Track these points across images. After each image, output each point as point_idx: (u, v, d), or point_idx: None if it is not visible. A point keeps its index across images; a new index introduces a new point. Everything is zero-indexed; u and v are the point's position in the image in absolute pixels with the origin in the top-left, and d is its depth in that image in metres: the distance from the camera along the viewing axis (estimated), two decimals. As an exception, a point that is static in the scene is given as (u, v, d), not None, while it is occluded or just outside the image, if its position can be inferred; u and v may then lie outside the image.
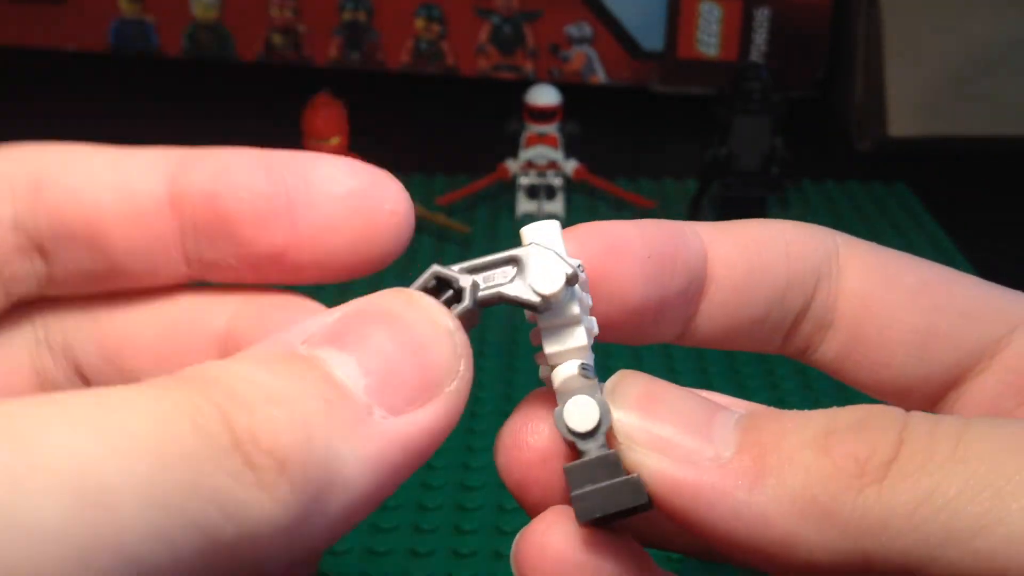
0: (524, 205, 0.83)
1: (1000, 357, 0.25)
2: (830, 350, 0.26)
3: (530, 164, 0.82)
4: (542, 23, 1.02)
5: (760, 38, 1.00)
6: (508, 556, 0.49)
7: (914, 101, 0.95)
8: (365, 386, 0.19)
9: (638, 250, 0.24)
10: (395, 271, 0.26)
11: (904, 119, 0.95)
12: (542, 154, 0.82)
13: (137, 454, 0.15)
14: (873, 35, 0.96)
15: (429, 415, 0.20)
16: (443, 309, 0.21)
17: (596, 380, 0.22)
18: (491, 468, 0.55)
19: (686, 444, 0.21)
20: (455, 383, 0.21)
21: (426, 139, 0.99)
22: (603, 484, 0.21)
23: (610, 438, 0.22)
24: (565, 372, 0.22)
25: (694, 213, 0.80)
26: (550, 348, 0.22)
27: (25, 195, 0.23)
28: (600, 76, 1.03)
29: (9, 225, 0.23)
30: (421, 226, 0.81)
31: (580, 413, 0.22)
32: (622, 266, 0.24)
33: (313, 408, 0.18)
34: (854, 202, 0.88)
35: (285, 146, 0.77)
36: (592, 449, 0.21)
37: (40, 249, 0.23)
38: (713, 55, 1.01)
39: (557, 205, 0.83)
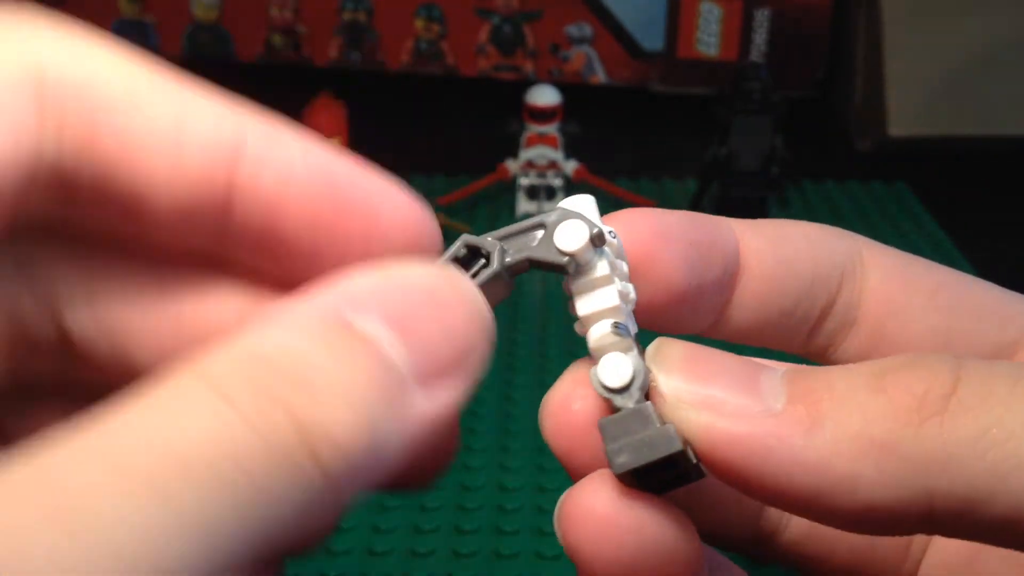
0: (524, 205, 0.83)
1: (1017, 358, 0.25)
2: (852, 348, 0.26)
3: (530, 164, 0.82)
4: (542, 23, 1.02)
5: (760, 38, 1.00)
6: (508, 556, 0.49)
7: (914, 101, 0.95)
8: (409, 365, 0.19)
9: (682, 235, 0.24)
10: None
11: (904, 119, 0.95)
12: (542, 154, 0.82)
13: (199, 494, 0.15)
14: (873, 35, 0.96)
15: (454, 393, 0.20)
16: (478, 292, 0.21)
17: (631, 338, 0.22)
18: (491, 469, 0.55)
19: (736, 401, 0.20)
20: (479, 362, 0.20)
21: (426, 139, 0.99)
22: (636, 437, 0.21)
23: (655, 400, 0.22)
24: (599, 332, 0.22)
25: (694, 213, 0.80)
26: (583, 311, 0.23)
27: (75, 138, 0.19)
28: (600, 76, 1.03)
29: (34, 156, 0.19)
30: (421, 226, 0.81)
31: (613, 369, 0.22)
32: (668, 250, 0.24)
33: (372, 396, 0.18)
34: (854, 202, 0.88)
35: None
36: (627, 405, 0.22)
37: (64, 195, 0.20)
38: (713, 55, 1.01)
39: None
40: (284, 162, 0.22)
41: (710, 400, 0.21)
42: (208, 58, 1.08)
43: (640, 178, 0.91)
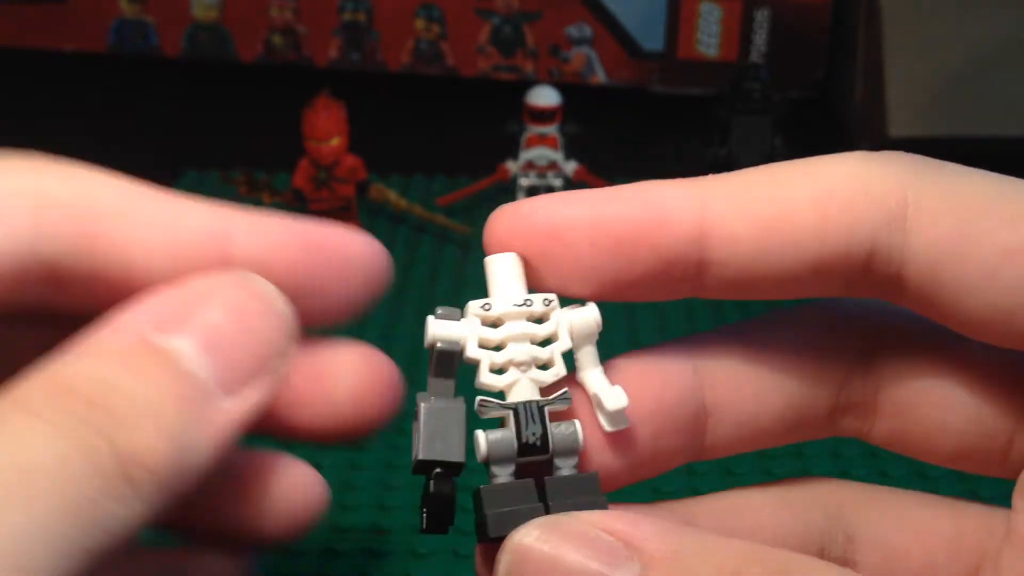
0: (524, 205, 0.83)
1: None
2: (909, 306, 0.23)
3: (530, 165, 0.82)
4: (542, 24, 1.02)
5: (760, 38, 1.00)
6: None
7: (914, 101, 0.95)
8: (209, 370, 0.20)
9: (575, 237, 0.22)
10: (396, 274, 0.26)
11: (904, 119, 0.95)
12: (542, 155, 0.82)
13: (41, 503, 0.16)
14: (873, 35, 0.96)
15: (260, 393, 0.21)
16: (278, 294, 0.22)
17: (499, 411, 0.24)
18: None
19: None
20: (284, 365, 0.21)
21: (426, 139, 0.99)
22: (513, 508, 0.23)
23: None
24: (475, 407, 0.24)
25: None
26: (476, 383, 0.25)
27: (68, 239, 0.21)
28: (600, 76, 1.03)
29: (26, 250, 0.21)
30: (421, 226, 0.81)
31: (477, 445, 0.24)
32: (555, 254, 0.23)
33: (176, 412, 0.19)
34: (854, 202, 0.88)
35: (285, 146, 0.77)
36: (497, 478, 0.23)
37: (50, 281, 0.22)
38: (713, 55, 1.01)
39: (557, 205, 0.83)
40: (264, 231, 0.23)
41: None
42: (208, 58, 1.08)
43: (640, 178, 0.90)
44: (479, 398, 0.24)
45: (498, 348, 0.24)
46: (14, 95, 1.09)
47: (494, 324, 0.24)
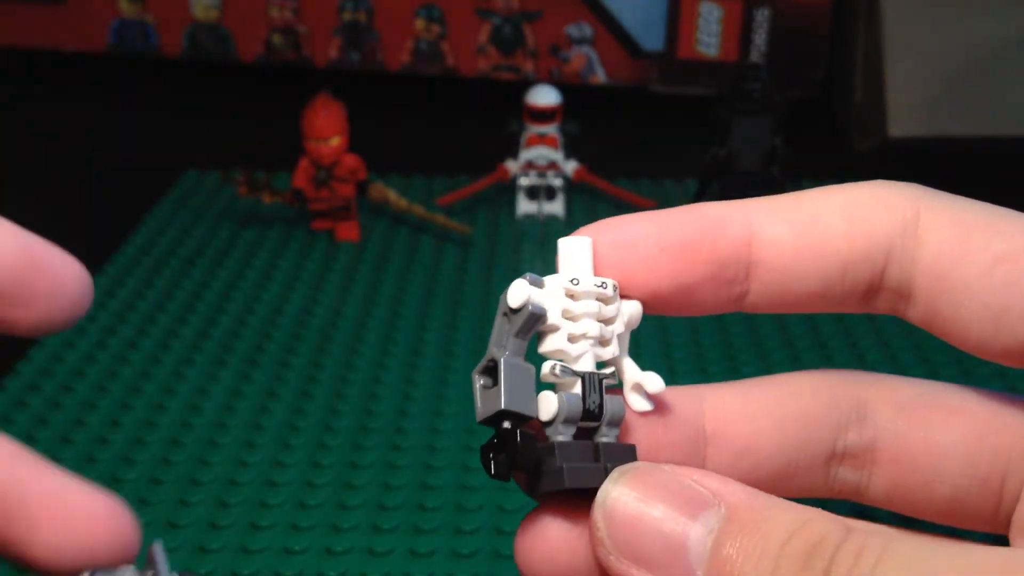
0: (524, 205, 0.83)
1: None
2: (915, 316, 0.26)
3: (530, 165, 0.82)
4: (542, 23, 1.02)
5: (760, 38, 1.00)
6: (509, 556, 0.49)
7: (914, 101, 0.95)
8: None
9: (647, 244, 0.26)
10: (395, 273, 0.26)
11: (904, 119, 0.95)
12: (542, 154, 0.82)
13: None
14: (873, 35, 0.96)
15: None
16: None
17: (572, 378, 0.26)
18: (491, 468, 0.55)
19: (665, 563, 0.23)
20: None
21: (426, 139, 0.99)
22: (583, 464, 0.25)
23: (592, 538, 0.24)
24: (544, 370, 0.26)
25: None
26: (540, 350, 0.26)
27: None
28: (600, 76, 1.03)
29: None
30: (421, 226, 0.81)
31: (544, 405, 0.25)
32: (629, 259, 0.26)
33: None
34: (854, 202, 0.88)
35: (285, 146, 0.77)
36: (555, 437, 0.25)
37: None
38: (713, 55, 1.01)
39: (557, 206, 0.83)
40: None
41: (642, 561, 0.23)
42: (208, 58, 1.08)
43: (640, 178, 0.91)
44: (554, 362, 0.26)
45: (571, 321, 0.26)
46: (14, 95, 1.10)
47: (571, 297, 0.26)
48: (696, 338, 0.68)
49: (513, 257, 0.78)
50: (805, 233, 0.26)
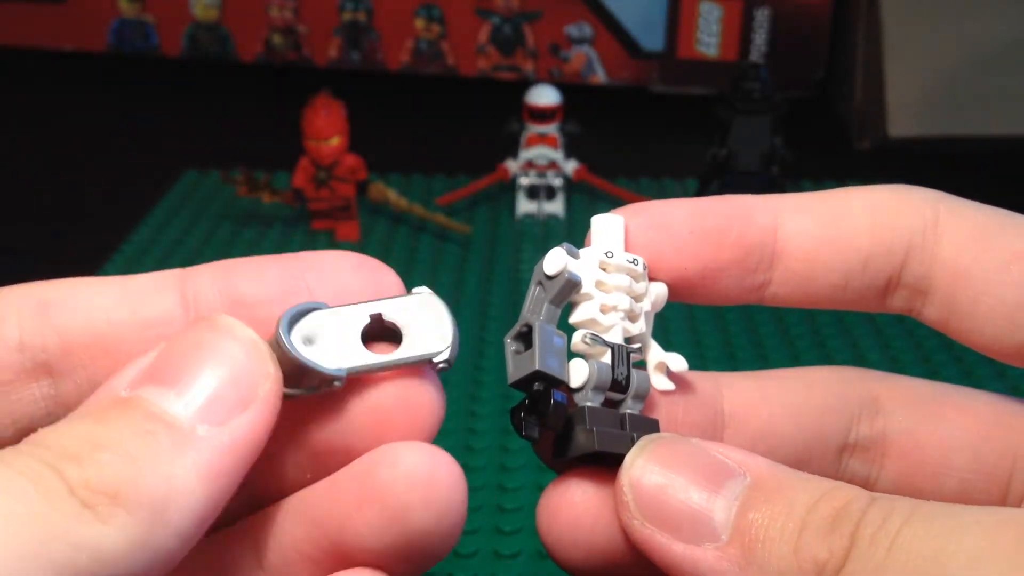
0: (524, 205, 0.83)
1: None
2: (931, 314, 0.27)
3: (530, 164, 0.82)
4: (542, 23, 1.02)
5: (760, 38, 1.00)
6: (508, 556, 0.49)
7: (914, 101, 0.95)
8: (185, 409, 0.22)
9: (681, 226, 0.27)
10: (396, 271, 0.26)
11: (904, 119, 0.95)
12: (542, 154, 0.82)
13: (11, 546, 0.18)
14: (873, 35, 0.96)
15: (252, 416, 0.22)
16: (241, 324, 0.23)
17: (602, 346, 0.26)
18: (491, 469, 0.55)
19: (689, 527, 0.23)
20: (268, 384, 0.23)
21: (426, 139, 0.99)
22: (612, 429, 0.25)
23: (618, 505, 0.24)
24: (575, 339, 0.26)
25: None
26: (572, 320, 0.27)
27: (32, 316, 0.24)
28: (600, 76, 1.03)
29: (15, 346, 0.24)
30: (421, 226, 0.81)
31: (575, 372, 0.26)
32: (660, 240, 0.27)
33: (136, 442, 0.21)
34: (854, 202, 0.88)
35: (285, 146, 0.77)
36: (584, 403, 0.26)
37: (47, 369, 0.24)
38: (713, 55, 1.01)
39: (557, 205, 0.83)
40: (225, 268, 0.26)
41: (670, 524, 0.24)
42: (208, 58, 1.08)
43: (640, 178, 0.91)
44: (585, 331, 0.26)
45: (604, 292, 0.27)
46: (14, 95, 1.10)
47: (604, 270, 0.27)
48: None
49: (513, 257, 0.78)
50: (830, 226, 0.27)
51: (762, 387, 0.28)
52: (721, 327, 0.68)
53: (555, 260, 0.26)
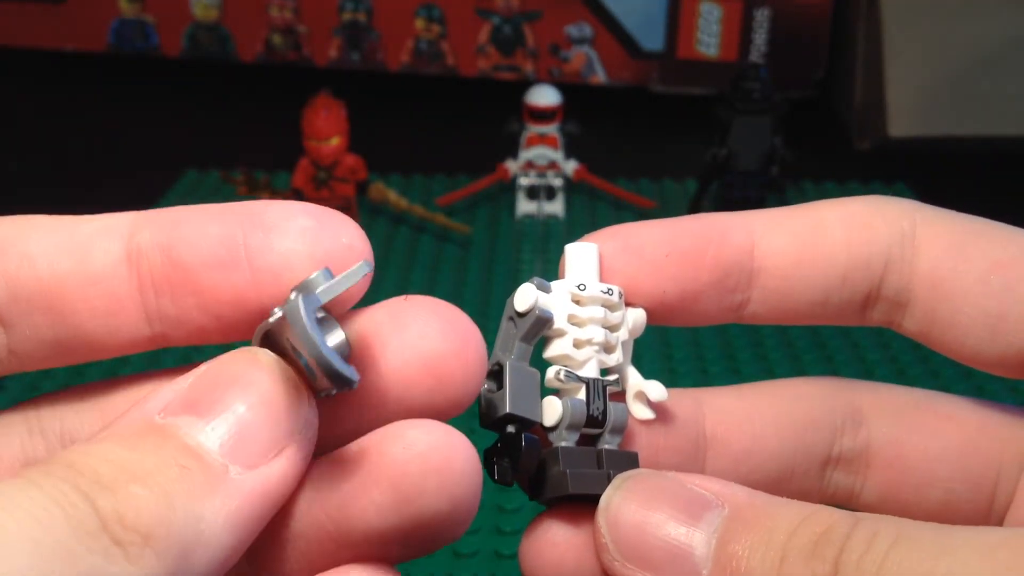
0: (524, 206, 0.83)
1: None
2: (912, 326, 0.27)
3: (530, 164, 0.82)
4: (542, 23, 1.02)
5: (760, 38, 1.00)
6: (509, 556, 0.49)
7: (914, 101, 0.95)
8: (220, 447, 0.21)
9: (654, 249, 0.26)
10: (395, 274, 0.26)
11: (904, 119, 0.95)
12: (542, 154, 0.82)
13: (16, 549, 0.18)
14: (873, 35, 0.96)
15: (284, 464, 0.21)
16: (282, 363, 0.22)
17: (576, 383, 0.25)
18: (491, 468, 0.55)
19: (670, 564, 0.23)
20: (304, 430, 0.22)
21: (426, 139, 0.99)
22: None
23: (596, 544, 0.24)
24: (548, 375, 0.26)
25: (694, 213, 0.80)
26: (545, 355, 0.26)
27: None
28: (600, 76, 1.03)
29: None
30: (421, 226, 0.81)
31: (548, 410, 0.25)
32: (636, 264, 0.26)
33: (171, 477, 0.20)
34: (854, 202, 0.88)
35: (285, 146, 0.77)
36: (558, 442, 0.25)
37: None
38: (713, 55, 1.01)
39: (557, 205, 0.83)
40: (170, 217, 0.24)
41: (649, 565, 0.23)
42: (208, 58, 1.08)
43: (640, 178, 0.91)
44: (558, 368, 0.26)
45: (577, 326, 0.26)
46: (14, 95, 1.10)
47: (577, 303, 0.26)
48: (696, 338, 0.68)
49: (513, 257, 0.78)
50: (806, 242, 0.26)
51: (744, 403, 0.28)
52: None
53: (525, 297, 0.25)
